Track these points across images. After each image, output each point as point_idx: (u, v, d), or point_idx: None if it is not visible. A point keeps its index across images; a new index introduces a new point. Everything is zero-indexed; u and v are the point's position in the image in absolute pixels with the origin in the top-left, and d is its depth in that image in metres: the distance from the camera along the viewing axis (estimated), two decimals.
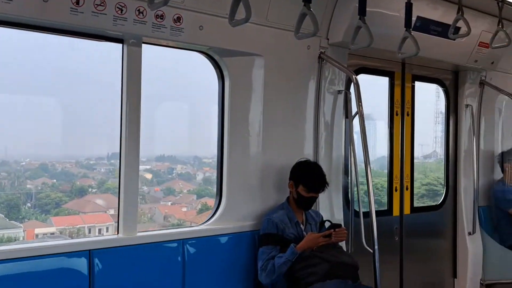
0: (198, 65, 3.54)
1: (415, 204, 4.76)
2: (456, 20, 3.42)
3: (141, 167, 4.33)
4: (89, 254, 2.85)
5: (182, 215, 4.38)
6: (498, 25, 3.78)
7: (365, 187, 3.57)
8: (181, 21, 3.07)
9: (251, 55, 3.43)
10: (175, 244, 3.18)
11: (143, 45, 3.06)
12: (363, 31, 3.10)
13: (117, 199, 3.11)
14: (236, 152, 3.46)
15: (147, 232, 3.25)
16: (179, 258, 3.17)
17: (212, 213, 3.46)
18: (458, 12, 3.41)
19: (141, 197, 4.45)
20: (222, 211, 3.43)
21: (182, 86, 3.92)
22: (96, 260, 2.87)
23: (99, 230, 4.15)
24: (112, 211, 4.37)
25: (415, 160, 5.24)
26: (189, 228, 3.39)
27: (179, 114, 4.17)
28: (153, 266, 3.08)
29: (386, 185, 4.53)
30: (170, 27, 3.03)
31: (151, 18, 2.96)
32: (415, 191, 5.03)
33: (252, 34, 3.38)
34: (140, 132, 3.09)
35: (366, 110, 4.70)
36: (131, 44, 3.00)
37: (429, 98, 4.99)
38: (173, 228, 3.36)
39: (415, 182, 4.79)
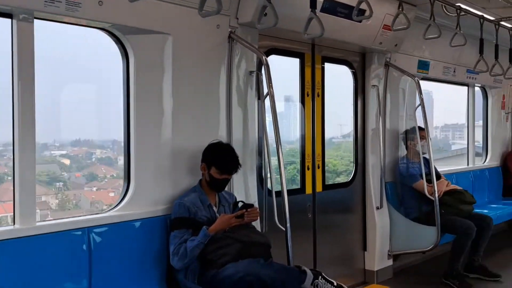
0: (106, 43, 3.36)
1: (338, 181, 4.91)
2: (360, 2, 3.51)
3: (57, 152, 4.09)
4: None
5: (110, 200, 4.21)
6: (399, 8, 3.95)
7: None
8: None
9: (157, 33, 3.30)
10: (79, 233, 3.02)
11: (36, 21, 2.83)
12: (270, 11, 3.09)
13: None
14: (144, 135, 3.34)
15: (47, 221, 3.06)
16: (85, 247, 3.02)
17: (120, 199, 3.33)
18: None
19: (62, 183, 4.21)
20: (130, 196, 3.31)
21: (90, 65, 3.72)
22: None
23: None
24: None
25: (335, 140, 5.41)
26: (94, 215, 3.22)
27: (90, 96, 3.97)
28: (56, 257, 2.91)
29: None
30: (65, 1, 2.82)
31: None
32: (341, 168, 5.19)
33: (158, 11, 3.25)
34: (38, 115, 2.87)
35: (282, 91, 4.80)
36: (22, 19, 2.77)
37: (348, 79, 5.10)
38: (77, 216, 3.18)
39: (340, 160, 4.94)
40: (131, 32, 3.23)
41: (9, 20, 2.77)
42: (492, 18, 5.30)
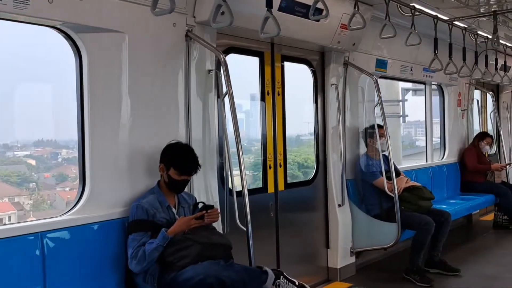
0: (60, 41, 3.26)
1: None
2: (316, 2, 3.53)
3: (20, 153, 3.95)
4: None
5: None
6: (355, 7, 4.00)
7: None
8: None
9: (112, 32, 3.22)
10: (31, 237, 2.91)
11: None
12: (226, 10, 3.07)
13: None
14: (99, 135, 3.25)
15: None
16: (38, 253, 2.91)
17: (75, 202, 3.23)
18: None
19: (33, 184, 4.05)
20: (86, 199, 3.22)
21: (46, 64, 3.62)
22: None
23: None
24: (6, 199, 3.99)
25: (302, 138, 5.42)
26: (48, 219, 3.11)
27: (48, 95, 3.87)
28: (7, 263, 2.79)
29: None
30: None
31: None
32: (312, 165, 5.18)
33: (112, 9, 3.18)
34: None
35: (243, 89, 4.77)
36: None
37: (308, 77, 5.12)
38: (29, 221, 3.07)
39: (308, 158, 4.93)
40: (84, 30, 3.14)
41: None
42: (445, 18, 5.46)
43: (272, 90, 4.56)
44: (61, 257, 2.99)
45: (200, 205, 3.45)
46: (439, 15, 5.33)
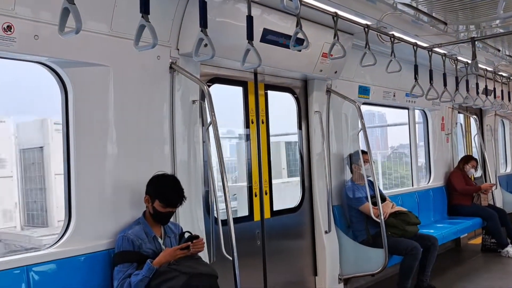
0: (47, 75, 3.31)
1: None
2: (296, 33, 3.63)
3: None
4: None
5: None
6: (334, 37, 4.12)
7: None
8: (12, 30, 2.83)
9: (96, 66, 3.29)
10: (17, 271, 2.90)
11: None
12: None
13: None
14: (84, 168, 3.27)
15: None
16: (23, 286, 2.90)
17: (61, 235, 3.22)
18: (297, 26, 3.62)
19: None
20: (72, 231, 3.21)
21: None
22: None
23: None
24: None
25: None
26: (34, 253, 3.10)
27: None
28: None
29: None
30: None
31: None
32: None
33: (96, 44, 3.25)
34: None
35: (227, 118, 4.82)
36: None
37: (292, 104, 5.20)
38: (15, 254, 3.06)
39: None
40: (69, 65, 3.20)
41: None
42: (425, 45, 5.60)
43: (256, 119, 4.63)
44: None
45: (186, 235, 3.45)
46: (419, 42, 5.48)
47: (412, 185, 7.38)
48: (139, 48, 2.82)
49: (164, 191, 3.29)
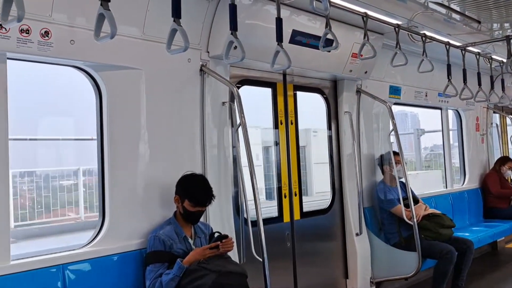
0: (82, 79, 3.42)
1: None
2: (325, 34, 3.62)
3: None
4: None
5: None
6: (364, 37, 4.09)
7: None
8: (49, 35, 2.93)
9: (129, 69, 3.36)
10: (54, 270, 2.99)
11: (9, 61, 2.88)
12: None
13: None
14: (118, 169, 3.35)
15: (22, 259, 3.02)
16: (59, 284, 2.98)
17: (95, 234, 3.31)
18: (326, 26, 3.61)
19: None
20: (105, 231, 3.29)
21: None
22: None
23: None
24: None
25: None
26: (69, 251, 3.19)
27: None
28: None
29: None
30: (37, 42, 2.88)
31: (15, 32, 2.80)
32: None
33: (130, 47, 3.33)
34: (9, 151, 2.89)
35: (256, 119, 4.84)
36: None
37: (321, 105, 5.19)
38: (51, 253, 3.15)
39: None
40: (103, 68, 3.29)
41: None
42: (458, 44, 5.48)
43: (285, 119, 4.63)
44: None
45: (216, 235, 3.48)
46: (451, 41, 5.37)
47: (446, 187, 7.22)
48: (171, 52, 2.87)
49: (193, 190, 3.34)
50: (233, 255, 3.60)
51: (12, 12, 2.34)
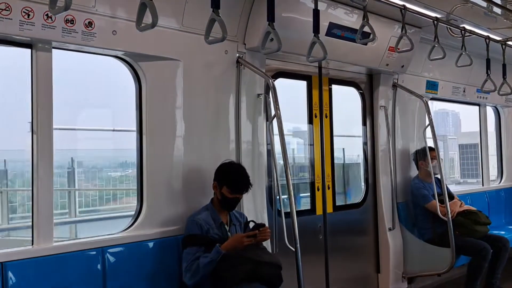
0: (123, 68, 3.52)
1: None
2: (362, 26, 3.61)
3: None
4: (2, 266, 2.73)
5: None
6: (402, 30, 4.05)
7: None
8: (92, 26, 3.04)
9: (168, 60, 3.45)
10: (94, 252, 3.11)
11: (54, 50, 3.01)
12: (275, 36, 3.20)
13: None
14: (156, 156, 3.45)
15: (64, 241, 3.16)
16: (99, 267, 3.10)
17: (134, 220, 3.41)
18: (363, 19, 3.60)
19: None
20: (144, 216, 3.39)
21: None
22: (10, 274, 2.75)
23: None
24: None
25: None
26: (108, 235, 3.31)
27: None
28: (72, 276, 3.00)
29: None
30: (81, 31, 3.00)
31: (61, 22, 2.91)
32: None
33: (168, 39, 3.41)
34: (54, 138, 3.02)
35: (291, 112, 4.86)
36: (40, 49, 2.94)
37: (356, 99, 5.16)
38: (92, 237, 3.28)
39: None
40: (144, 59, 3.38)
41: (29, 50, 2.95)
42: (498, 38, 5.35)
43: (319, 113, 4.64)
44: (120, 271, 3.17)
45: (251, 224, 3.54)
46: (491, 36, 5.25)
47: (483, 185, 7.07)
48: (209, 42, 2.93)
49: (231, 177, 3.40)
50: (266, 245, 3.64)
51: (58, 3, 2.45)
